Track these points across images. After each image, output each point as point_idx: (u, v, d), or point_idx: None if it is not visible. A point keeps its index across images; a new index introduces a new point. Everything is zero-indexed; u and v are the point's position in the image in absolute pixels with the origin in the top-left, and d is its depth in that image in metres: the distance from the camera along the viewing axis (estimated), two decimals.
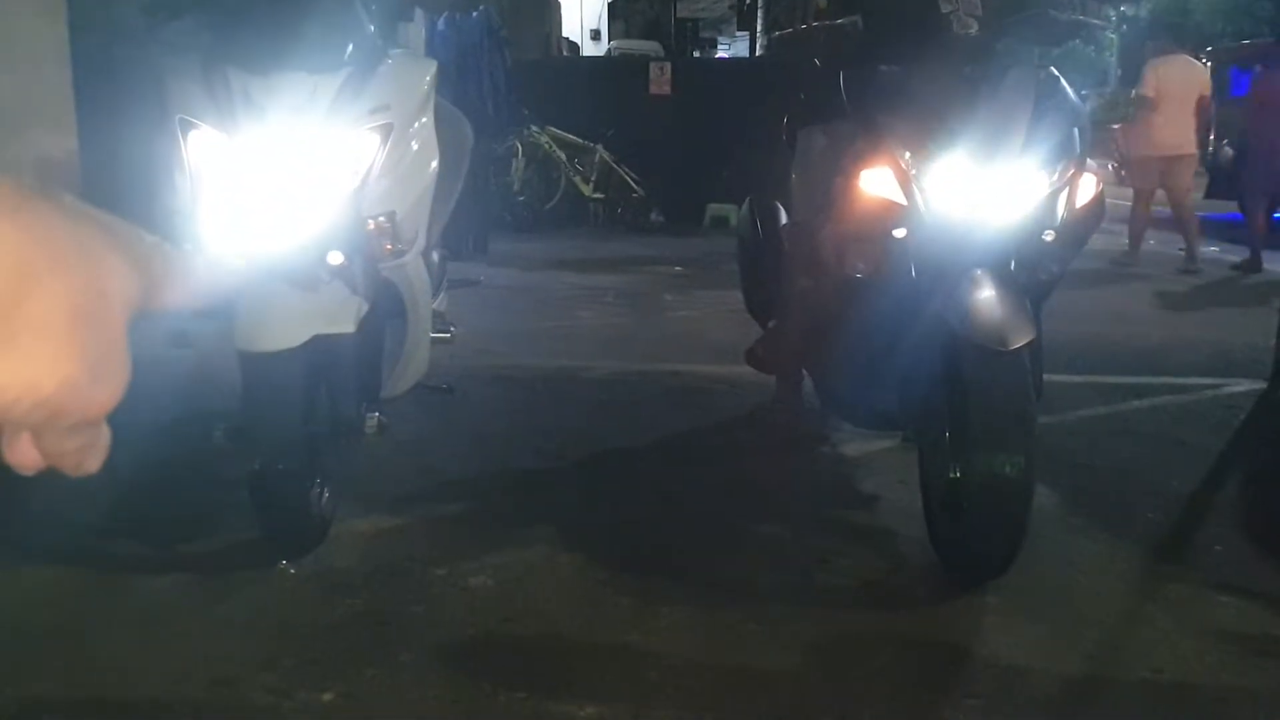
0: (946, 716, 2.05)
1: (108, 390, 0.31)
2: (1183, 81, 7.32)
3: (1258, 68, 8.00)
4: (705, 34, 30.46)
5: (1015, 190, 2.52)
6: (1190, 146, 7.43)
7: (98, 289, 0.30)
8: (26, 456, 0.30)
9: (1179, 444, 3.68)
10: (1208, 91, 7.42)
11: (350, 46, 2.66)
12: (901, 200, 2.55)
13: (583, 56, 18.53)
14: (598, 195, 9.60)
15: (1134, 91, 7.59)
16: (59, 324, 0.29)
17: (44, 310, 0.28)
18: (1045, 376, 2.94)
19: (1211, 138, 7.66)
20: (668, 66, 10.29)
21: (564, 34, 19.25)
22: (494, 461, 3.38)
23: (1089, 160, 2.63)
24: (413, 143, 2.70)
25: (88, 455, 0.33)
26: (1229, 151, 8.15)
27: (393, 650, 2.22)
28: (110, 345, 0.31)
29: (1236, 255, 8.12)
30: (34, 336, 0.28)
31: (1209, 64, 8.52)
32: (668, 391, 4.22)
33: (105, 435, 0.34)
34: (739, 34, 29.39)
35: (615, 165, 9.58)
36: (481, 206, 7.59)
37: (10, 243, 0.27)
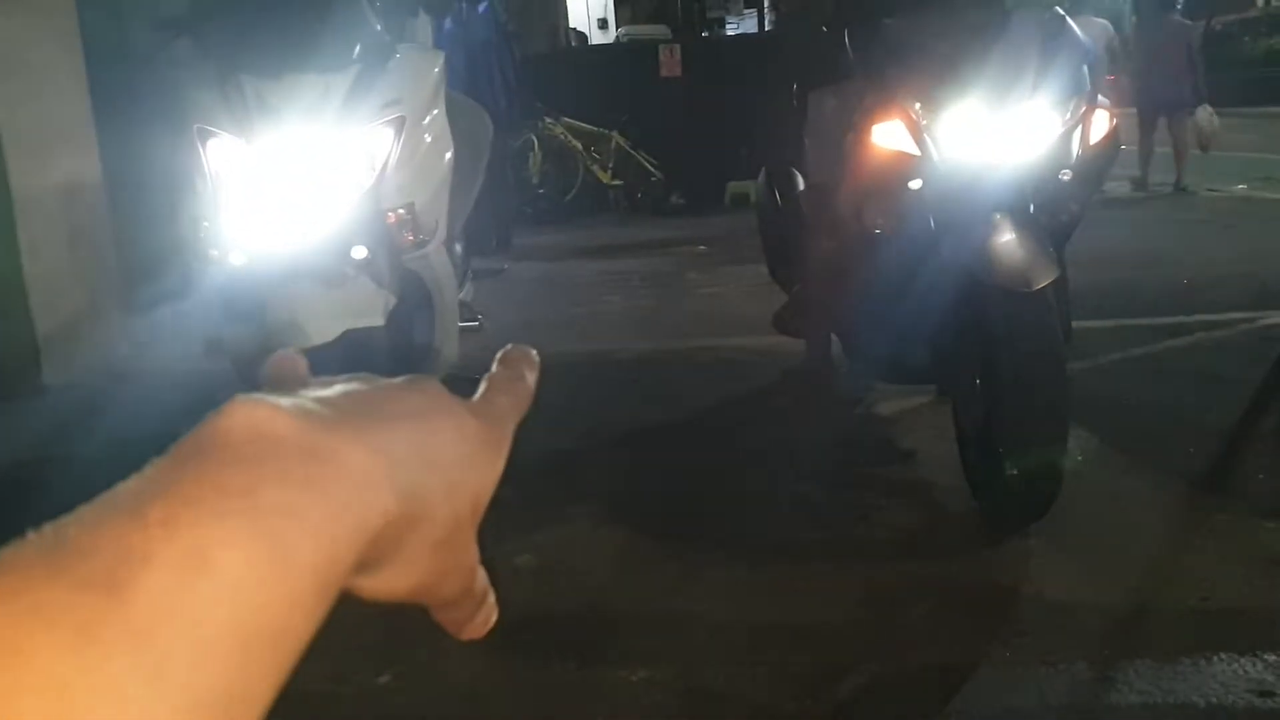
0: (997, 655, 2.06)
1: (456, 584, 0.35)
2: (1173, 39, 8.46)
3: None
4: (713, 14, 30.29)
5: (1028, 132, 2.52)
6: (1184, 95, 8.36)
7: (457, 519, 0.34)
8: None
9: (1216, 378, 3.66)
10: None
11: (358, 45, 2.70)
12: (915, 151, 2.55)
13: (591, 45, 18.52)
14: (616, 182, 9.60)
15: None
16: (422, 556, 0.32)
17: (413, 550, 0.32)
18: (1076, 323, 2.93)
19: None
20: (677, 48, 10.26)
21: (571, 25, 19.23)
22: (531, 445, 3.36)
23: (1100, 96, 2.61)
24: (426, 134, 2.74)
25: (464, 626, 0.38)
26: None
27: (443, 632, 2.25)
28: (459, 554, 0.34)
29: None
30: (401, 566, 0.32)
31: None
32: (699, 366, 4.24)
33: (489, 612, 0.38)
34: (746, 11, 29.23)
35: (632, 151, 9.58)
36: (502, 201, 7.62)
37: (404, 511, 0.31)
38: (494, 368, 0.41)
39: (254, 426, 0.29)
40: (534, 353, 0.42)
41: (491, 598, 0.39)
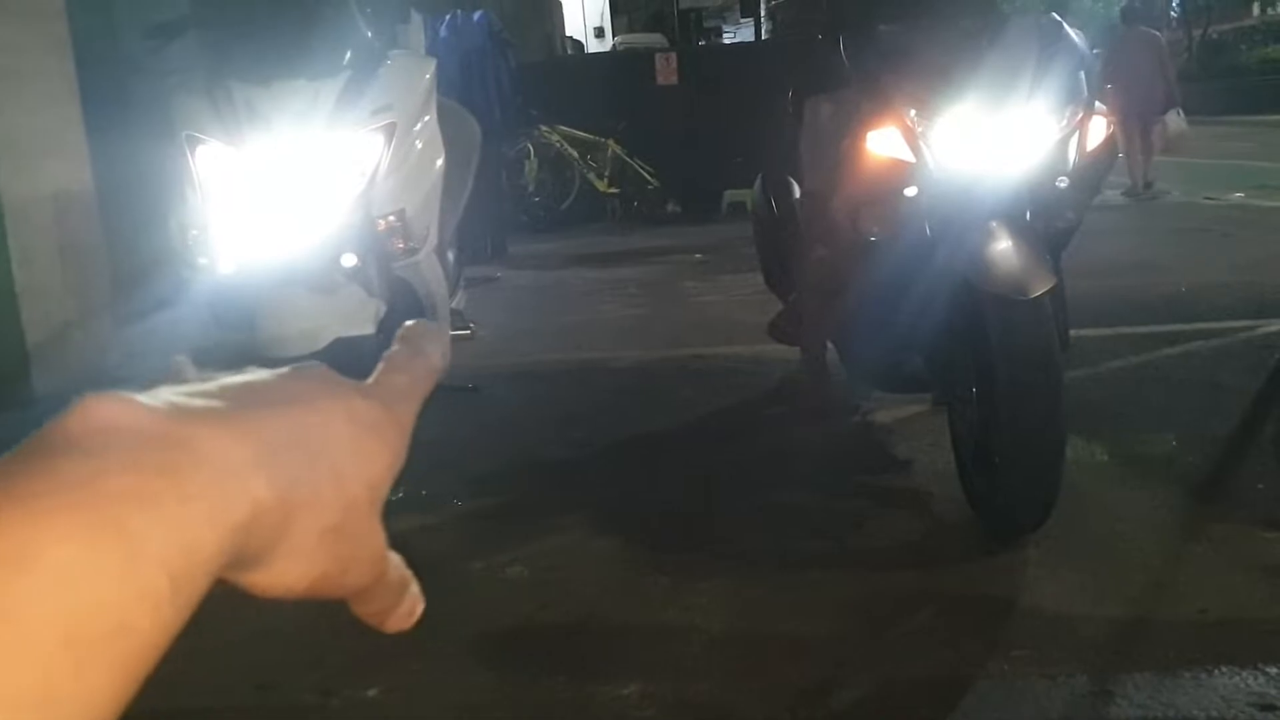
0: (995, 668, 2.03)
1: (361, 573, 0.33)
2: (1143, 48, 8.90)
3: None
4: (709, 23, 30.35)
5: (1024, 139, 2.50)
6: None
7: (347, 503, 0.32)
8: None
9: (1215, 387, 3.63)
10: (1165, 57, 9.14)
11: (349, 51, 2.68)
12: (910, 158, 2.53)
13: (588, 54, 18.53)
14: (613, 190, 9.59)
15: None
16: (311, 546, 0.31)
17: (299, 539, 0.30)
18: (1073, 331, 2.91)
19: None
20: (673, 56, 10.26)
21: (567, 33, 19.25)
22: (523, 454, 3.38)
23: (1097, 103, 2.60)
24: (417, 141, 2.72)
25: (387, 618, 0.36)
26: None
27: (434, 644, 2.22)
28: (360, 539, 0.33)
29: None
30: (288, 559, 0.31)
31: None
32: (693, 374, 4.22)
33: (413, 602, 0.37)
34: (743, 20, 29.28)
35: (628, 159, 9.57)
36: (497, 209, 7.61)
37: (279, 498, 0.29)
38: (394, 345, 0.39)
39: (101, 419, 0.28)
40: (437, 327, 0.40)
41: (415, 588, 0.37)
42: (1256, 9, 27.27)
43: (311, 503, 0.31)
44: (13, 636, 0.24)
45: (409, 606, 0.37)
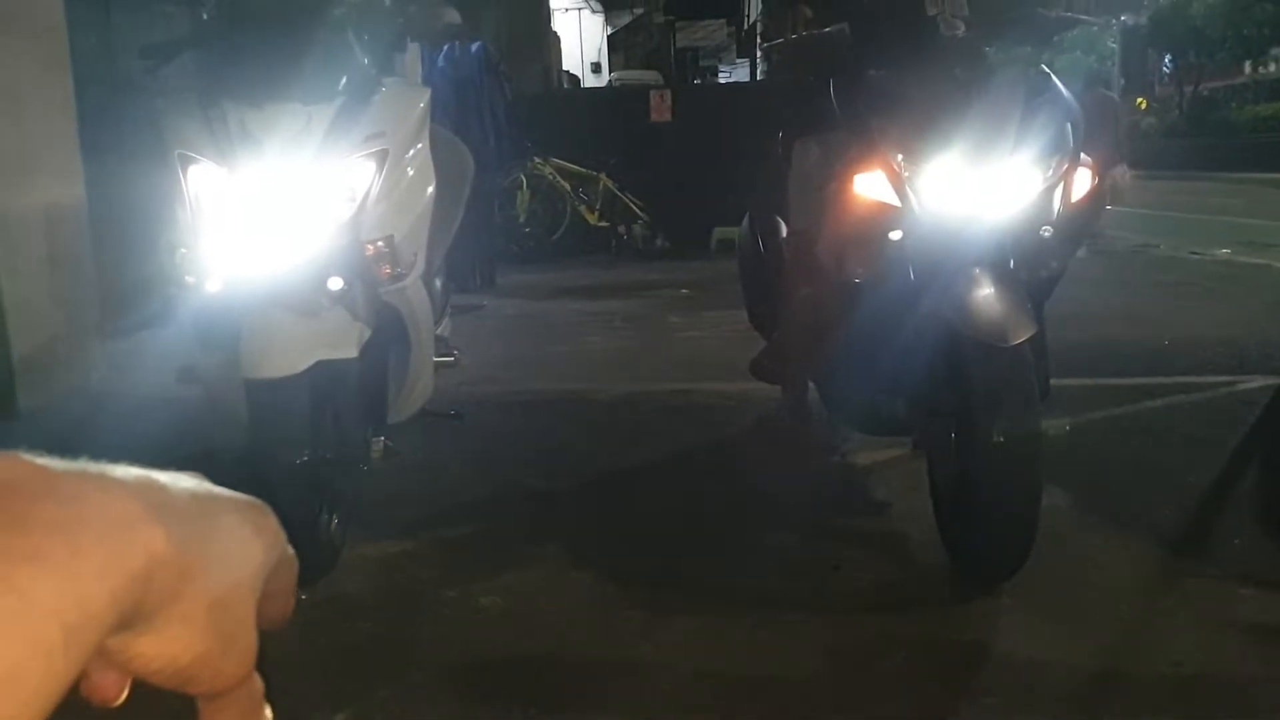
0: (964, 714, 2.03)
1: (236, 663, 0.34)
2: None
3: None
4: (705, 62, 30.66)
5: (1009, 187, 2.53)
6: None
7: (235, 582, 0.34)
8: (105, 691, 0.33)
9: (1194, 441, 3.65)
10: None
11: (344, 77, 2.69)
12: (895, 202, 2.55)
13: (584, 88, 18.67)
14: (603, 223, 9.64)
15: None
16: (201, 614, 0.32)
17: (191, 604, 0.31)
18: (1055, 380, 2.93)
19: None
20: (668, 94, 10.35)
21: (564, 67, 19.40)
22: (503, 484, 3.38)
23: (1084, 155, 2.63)
24: (408, 168, 2.73)
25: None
26: None
27: (405, 671, 2.21)
28: (240, 626, 0.34)
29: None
30: (179, 625, 0.31)
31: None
32: (675, 410, 4.22)
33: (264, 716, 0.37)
34: (738, 61, 29.58)
35: (619, 193, 9.63)
36: (487, 239, 7.64)
37: (175, 553, 0.30)
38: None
39: None
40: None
41: (268, 712, 0.37)
42: (1248, 67, 27.65)
43: (203, 567, 0.32)
44: None
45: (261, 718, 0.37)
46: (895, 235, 2.56)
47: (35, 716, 0.26)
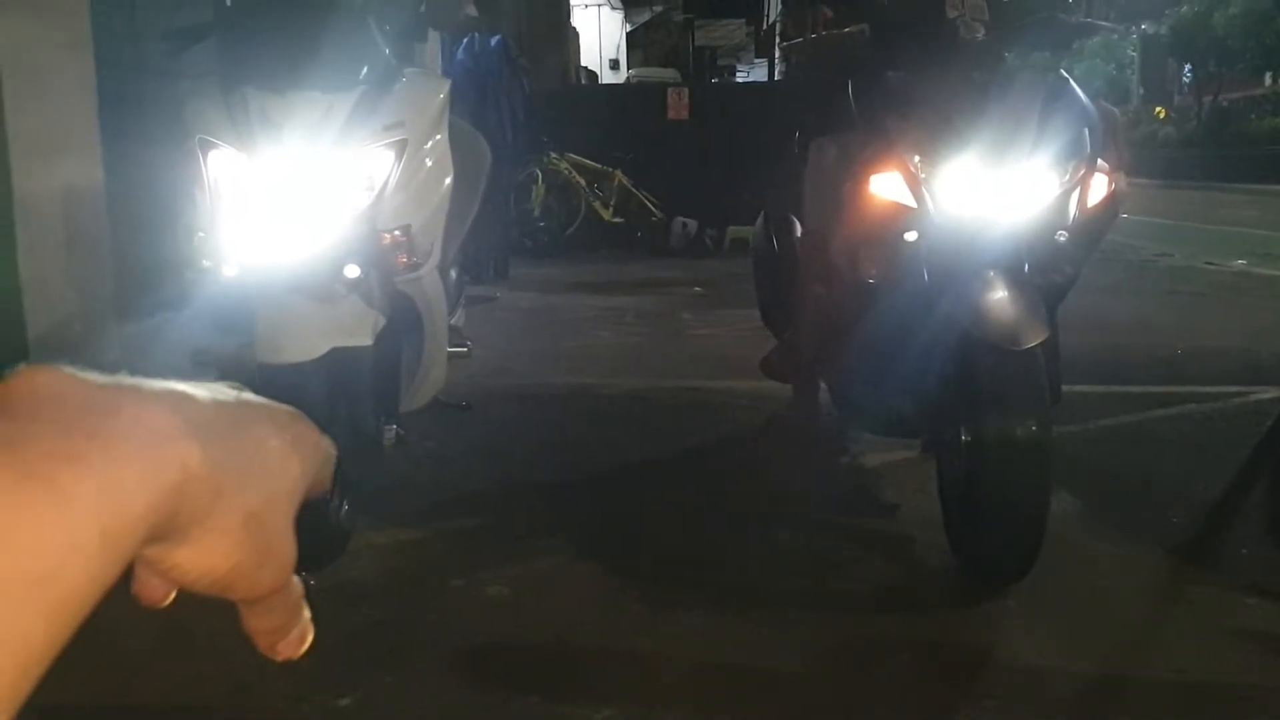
0: (964, 718, 2.04)
1: (273, 573, 0.35)
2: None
3: None
4: (723, 61, 30.62)
5: (1025, 191, 2.53)
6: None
7: (270, 494, 0.34)
8: (151, 594, 0.34)
9: (1203, 450, 3.65)
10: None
11: (365, 67, 2.70)
12: (911, 203, 2.56)
13: (601, 84, 18.68)
14: (617, 220, 9.65)
15: None
16: (236, 527, 0.33)
17: (226, 518, 0.32)
18: (1065, 386, 2.92)
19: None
20: (685, 91, 10.35)
21: (583, 63, 19.41)
22: (511, 475, 3.39)
23: (1100, 160, 2.63)
24: (427, 159, 2.74)
25: (279, 639, 0.37)
26: None
27: (410, 658, 2.23)
28: (277, 537, 0.35)
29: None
30: (214, 537, 0.32)
31: None
32: (685, 406, 4.23)
33: (304, 629, 0.38)
34: (757, 60, 29.56)
35: (634, 190, 9.64)
36: (502, 232, 7.66)
37: (209, 469, 0.31)
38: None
39: (36, 386, 0.29)
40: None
41: (307, 614, 0.38)
42: (1268, 79, 27.51)
43: (238, 483, 0.32)
44: None
45: (301, 632, 0.38)
46: (910, 236, 2.57)
47: (72, 616, 0.27)
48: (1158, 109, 28.23)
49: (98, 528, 0.27)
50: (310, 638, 0.37)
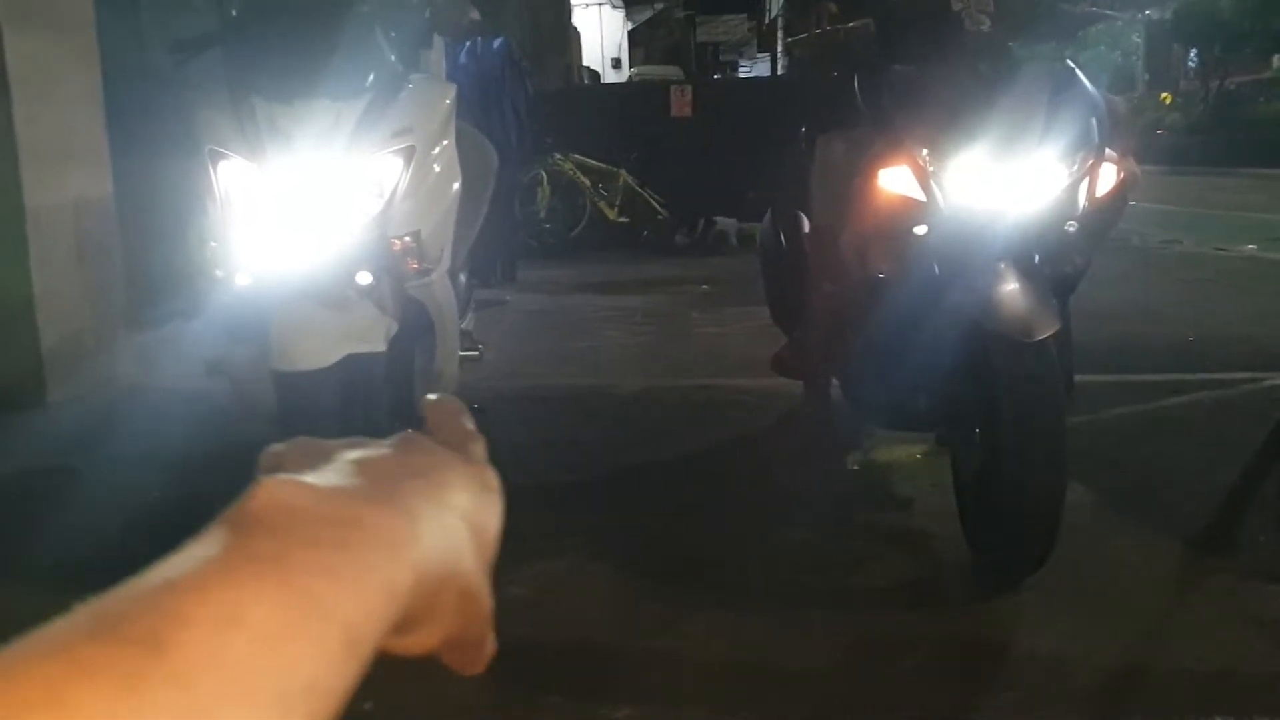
0: (984, 711, 2.04)
1: (476, 631, 0.36)
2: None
3: None
4: (726, 57, 30.63)
5: (1034, 182, 2.53)
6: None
7: (478, 566, 0.36)
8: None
9: (1218, 438, 3.64)
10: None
11: (371, 74, 2.72)
12: (921, 197, 2.56)
13: (604, 84, 18.68)
14: (623, 219, 9.65)
15: None
16: (454, 609, 0.34)
17: (446, 603, 0.34)
18: (1078, 377, 2.93)
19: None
20: (689, 89, 10.34)
21: (585, 63, 19.41)
22: (525, 476, 3.40)
23: (1108, 150, 2.62)
24: (435, 164, 2.75)
25: (470, 662, 0.38)
26: None
27: (430, 661, 2.23)
28: (483, 598, 0.36)
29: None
30: (435, 621, 0.34)
31: None
32: (696, 404, 4.24)
33: (490, 644, 0.38)
34: (759, 55, 29.53)
35: (639, 189, 9.64)
36: (508, 234, 7.66)
37: (435, 566, 0.33)
38: (431, 420, 0.42)
39: (280, 501, 0.31)
40: (456, 401, 0.43)
41: (491, 640, 0.39)
42: (1276, 61, 27.38)
43: (455, 567, 0.34)
44: (240, 688, 0.26)
45: (489, 649, 0.39)
46: (920, 230, 2.56)
47: None
48: (1164, 95, 28.12)
49: (348, 637, 0.28)
50: (493, 650, 0.38)
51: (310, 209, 2.55)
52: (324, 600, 0.28)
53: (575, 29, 18.45)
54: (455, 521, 0.35)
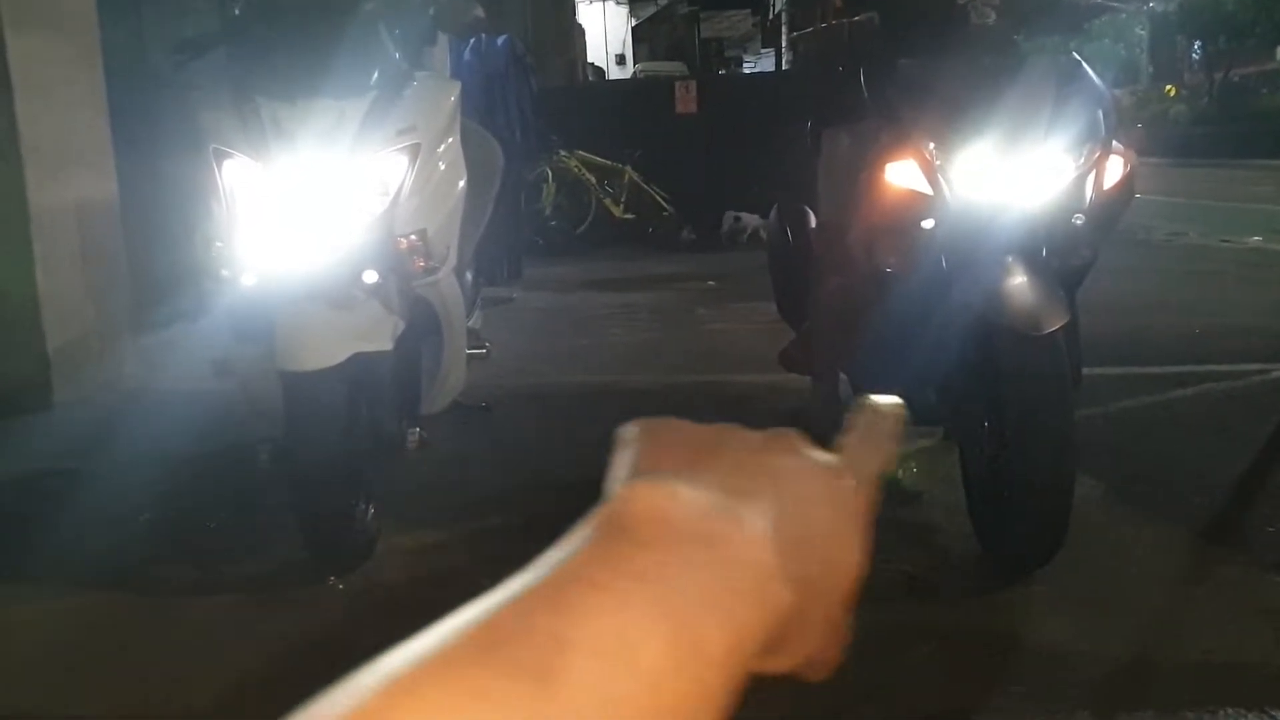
0: (991, 703, 2.03)
1: (835, 648, 0.36)
2: None
3: None
4: (730, 52, 30.59)
5: (1041, 175, 2.52)
6: None
7: (842, 592, 0.35)
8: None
9: (1225, 429, 3.63)
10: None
11: (376, 72, 2.71)
12: (928, 191, 2.55)
13: (608, 80, 18.67)
14: (628, 216, 9.64)
15: None
16: (813, 632, 0.34)
17: (806, 631, 0.33)
18: (1087, 370, 2.92)
19: None
20: (693, 84, 10.33)
21: (589, 59, 19.40)
22: (534, 474, 3.40)
23: (1115, 141, 2.61)
24: (440, 162, 2.75)
25: (813, 670, 0.37)
26: None
27: None
28: (841, 619, 0.35)
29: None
30: (796, 643, 0.33)
31: None
32: (704, 401, 4.23)
33: (837, 658, 0.37)
34: (763, 50, 29.50)
35: (644, 185, 9.63)
36: (514, 232, 7.66)
37: (799, 596, 0.31)
38: (856, 420, 0.41)
39: (654, 510, 0.30)
40: (895, 413, 0.41)
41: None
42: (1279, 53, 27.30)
43: (814, 597, 0.33)
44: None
45: (837, 652, 0.38)
46: (927, 224, 2.56)
47: None
48: (1168, 87, 28.06)
49: (723, 675, 0.28)
50: (840, 657, 0.37)
51: (315, 208, 2.55)
52: (703, 634, 0.27)
53: (579, 25, 18.45)
54: (815, 547, 0.33)
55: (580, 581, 0.27)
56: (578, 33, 17.80)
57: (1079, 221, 2.52)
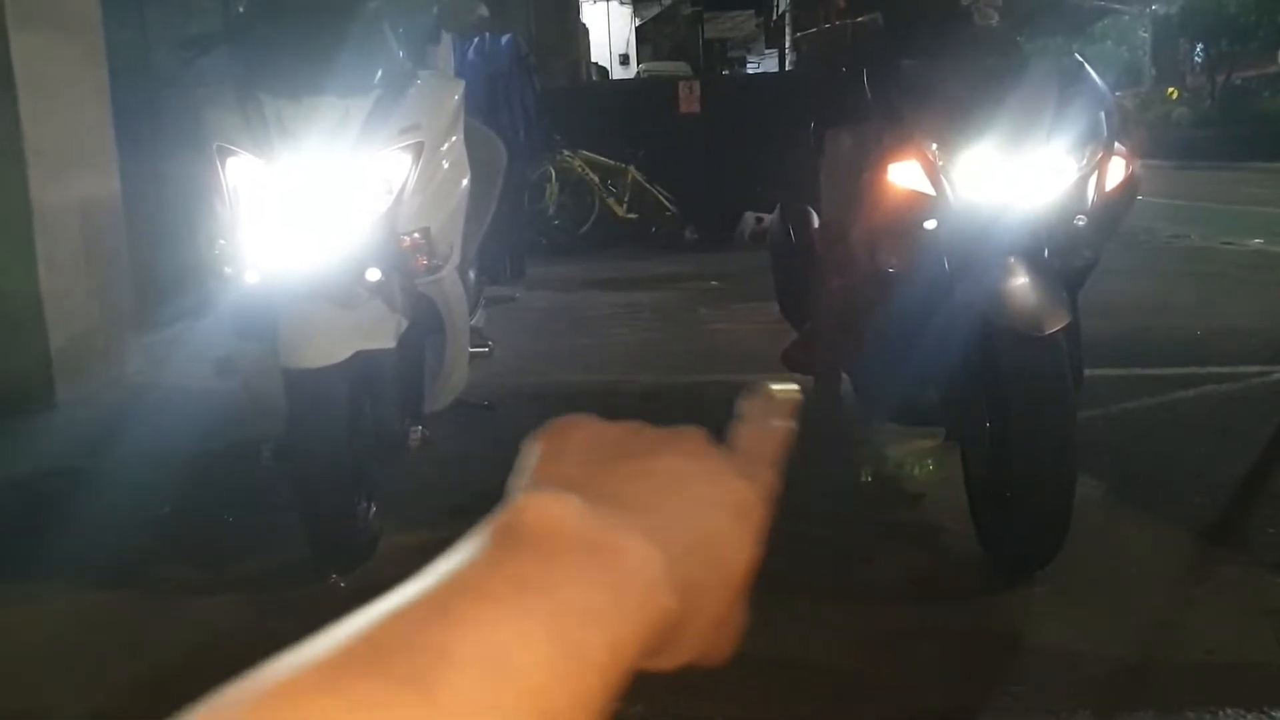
0: (993, 704, 2.04)
1: (726, 648, 0.36)
2: None
3: None
4: (734, 53, 30.60)
5: (1044, 176, 2.52)
6: None
7: (730, 593, 0.35)
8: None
9: (1226, 431, 3.63)
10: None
11: (379, 70, 2.72)
12: (930, 191, 2.55)
13: (612, 80, 18.67)
14: (631, 216, 9.64)
15: None
16: (698, 635, 0.34)
17: (691, 632, 0.33)
18: (1087, 371, 2.92)
19: None
20: (696, 85, 10.33)
21: (593, 59, 19.40)
22: None
23: (1117, 143, 2.62)
24: (444, 161, 2.75)
25: (706, 660, 0.37)
26: None
27: None
28: (732, 620, 0.36)
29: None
30: (679, 647, 0.33)
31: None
32: (706, 401, 4.23)
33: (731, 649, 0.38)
34: (767, 51, 29.50)
35: (647, 185, 9.63)
36: (517, 231, 7.67)
37: (686, 602, 0.32)
38: (743, 408, 0.41)
39: (548, 521, 0.30)
40: (793, 393, 0.42)
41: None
42: None
43: (703, 601, 0.33)
44: None
45: (734, 635, 0.38)
46: (930, 225, 2.56)
47: None
48: (1170, 90, 28.04)
49: (602, 682, 0.28)
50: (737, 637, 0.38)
51: (319, 206, 2.55)
52: (585, 646, 0.28)
53: (583, 25, 18.45)
54: (706, 550, 0.34)
55: (469, 592, 0.28)
56: (581, 32, 17.80)
57: (1081, 223, 2.53)
